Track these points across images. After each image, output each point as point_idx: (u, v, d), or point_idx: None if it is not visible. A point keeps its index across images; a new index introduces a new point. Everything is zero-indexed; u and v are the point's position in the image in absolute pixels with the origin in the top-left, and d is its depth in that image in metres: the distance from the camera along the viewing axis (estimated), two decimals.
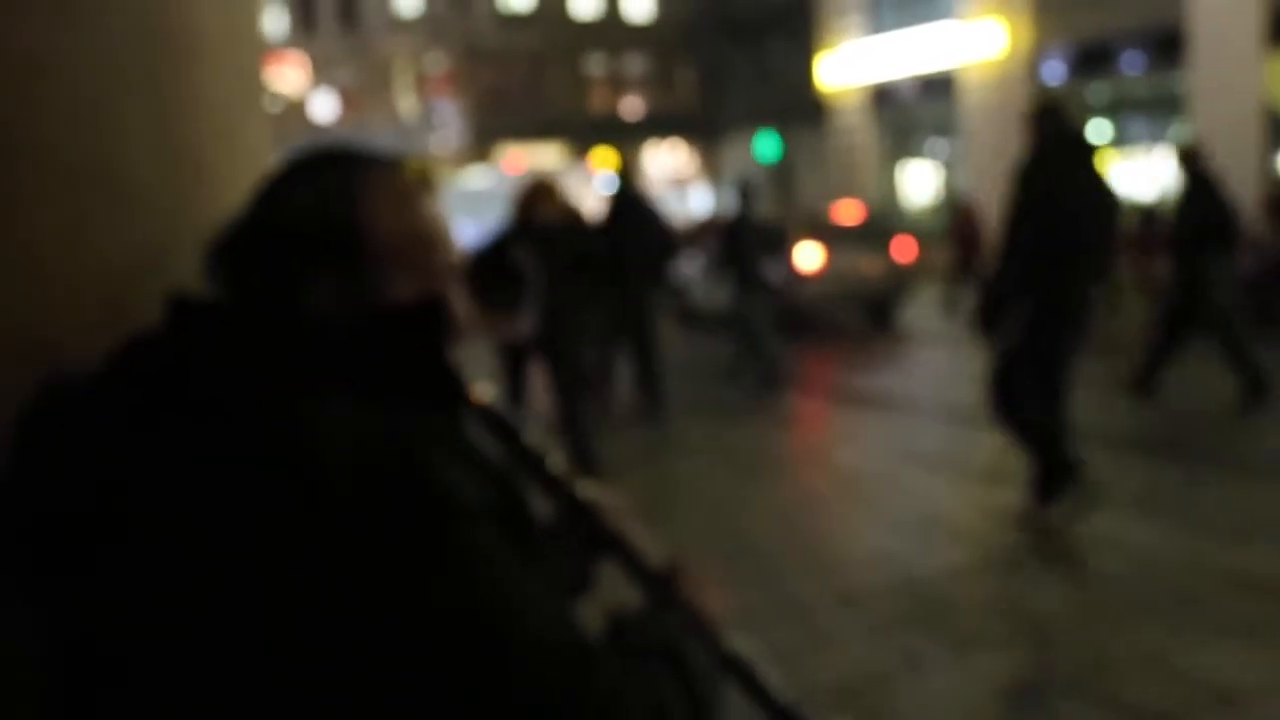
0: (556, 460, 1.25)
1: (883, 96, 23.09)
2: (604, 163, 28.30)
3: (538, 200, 6.11)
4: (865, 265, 11.19)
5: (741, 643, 1.27)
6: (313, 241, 1.02)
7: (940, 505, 5.71)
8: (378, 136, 28.86)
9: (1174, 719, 3.20)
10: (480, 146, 29.42)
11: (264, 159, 1.68)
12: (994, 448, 6.55)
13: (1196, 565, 4.49)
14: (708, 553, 5.04)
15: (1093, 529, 5.00)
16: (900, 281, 11.99)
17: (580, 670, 0.90)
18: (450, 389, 1.08)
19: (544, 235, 6.05)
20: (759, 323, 8.63)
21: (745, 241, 8.56)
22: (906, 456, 6.86)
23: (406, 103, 32.40)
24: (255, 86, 1.66)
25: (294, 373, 0.95)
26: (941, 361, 10.90)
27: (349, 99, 32.38)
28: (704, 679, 1.08)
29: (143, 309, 1.15)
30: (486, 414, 1.20)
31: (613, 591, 1.32)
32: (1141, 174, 17.39)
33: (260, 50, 1.70)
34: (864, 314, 11.75)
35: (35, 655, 0.99)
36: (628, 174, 8.28)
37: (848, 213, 13.30)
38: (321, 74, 30.88)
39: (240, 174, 1.47)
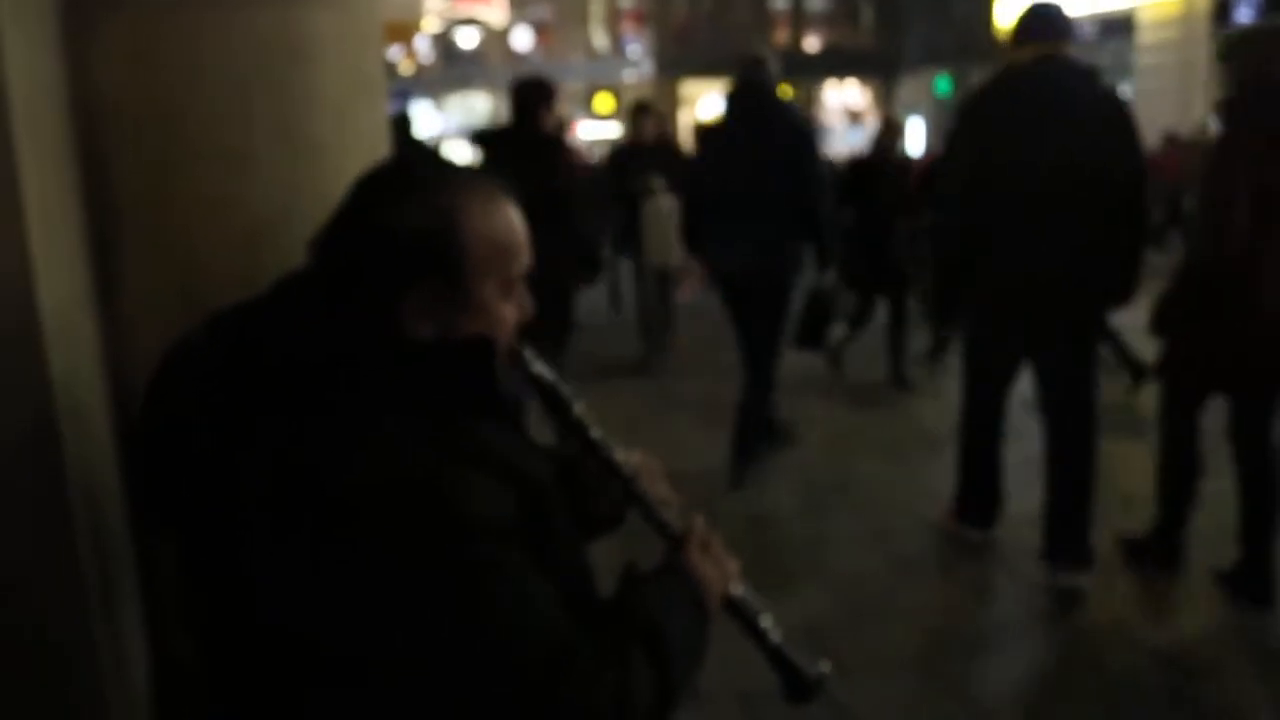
0: (598, 430, 1.37)
1: None
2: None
3: None
4: None
5: (740, 590, 1.40)
6: (417, 256, 1.11)
7: None
8: (571, 68, 29.09)
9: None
10: (665, 80, 29.21)
11: (377, 141, 1.86)
12: (1118, 397, 6.35)
13: None
14: (818, 477, 5.13)
15: None
16: None
17: (559, 671, 1.05)
18: (495, 404, 1.18)
19: None
20: None
21: None
22: (1025, 400, 6.71)
23: (599, 36, 32.47)
24: (371, 79, 1.83)
25: (361, 385, 1.08)
26: None
27: (545, 32, 32.74)
28: (676, 657, 1.18)
29: (264, 271, 1.32)
30: (542, 389, 1.31)
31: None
32: None
33: (378, 46, 1.87)
34: None
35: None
36: None
37: None
38: (520, 9, 31.19)
39: (352, 155, 1.66)
